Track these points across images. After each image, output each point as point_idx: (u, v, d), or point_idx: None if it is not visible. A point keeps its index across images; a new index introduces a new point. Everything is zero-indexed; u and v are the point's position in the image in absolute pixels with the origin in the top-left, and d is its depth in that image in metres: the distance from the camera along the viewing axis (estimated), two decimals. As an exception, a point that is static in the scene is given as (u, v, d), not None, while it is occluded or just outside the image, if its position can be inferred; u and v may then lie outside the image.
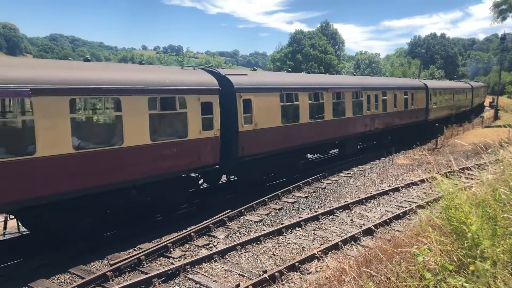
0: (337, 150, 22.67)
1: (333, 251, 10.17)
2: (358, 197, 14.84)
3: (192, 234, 11.24)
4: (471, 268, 4.13)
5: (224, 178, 17.37)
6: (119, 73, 11.64)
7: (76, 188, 9.84)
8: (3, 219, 11.43)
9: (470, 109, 46.72)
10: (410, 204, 13.69)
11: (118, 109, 10.83)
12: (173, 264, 9.56)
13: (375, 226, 11.71)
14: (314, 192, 16.32)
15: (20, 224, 11.16)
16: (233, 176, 17.09)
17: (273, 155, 16.01)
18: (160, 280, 8.75)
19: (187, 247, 10.81)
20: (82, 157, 9.95)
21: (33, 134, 9.05)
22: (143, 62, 14.83)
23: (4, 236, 11.42)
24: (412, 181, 16.91)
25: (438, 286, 4.21)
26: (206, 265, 9.58)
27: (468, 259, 4.48)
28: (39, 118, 9.10)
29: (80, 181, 9.91)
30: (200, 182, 15.10)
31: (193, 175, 13.76)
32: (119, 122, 10.69)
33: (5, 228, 11.12)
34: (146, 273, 9.03)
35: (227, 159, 13.96)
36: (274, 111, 15.79)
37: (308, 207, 14.39)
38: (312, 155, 22.65)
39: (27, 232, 11.38)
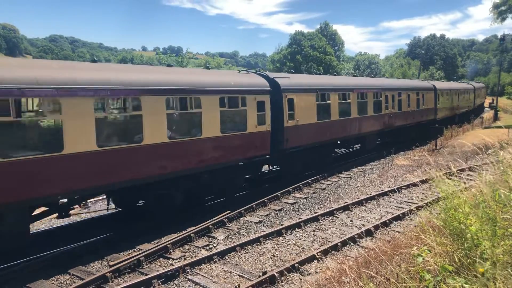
0: (359, 145, 24.38)
1: (332, 252, 10.16)
2: (357, 198, 14.84)
3: (191, 235, 11.24)
4: (481, 270, 4.11)
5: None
6: (198, 76, 14.29)
7: (170, 170, 12.22)
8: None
9: (473, 108, 48.49)
10: (409, 205, 13.69)
11: (198, 106, 12.99)
12: (172, 265, 9.56)
13: (375, 227, 11.72)
14: (313, 193, 16.32)
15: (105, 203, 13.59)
16: (275, 166, 18.88)
17: (310, 148, 18.30)
18: (159, 281, 8.74)
19: (187, 248, 10.80)
20: (173, 145, 12.31)
21: (141, 126, 11.28)
22: (209, 66, 18.99)
23: (107, 211, 13.74)
24: (412, 182, 16.91)
25: (437, 287, 4.21)
26: (206, 266, 9.57)
27: (468, 260, 4.48)
28: (146, 113, 11.33)
29: (173, 165, 12.32)
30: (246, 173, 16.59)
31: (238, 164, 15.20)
32: (199, 117, 12.97)
33: (108, 204, 12.94)
34: (146, 274, 9.02)
35: (274, 150, 16.16)
36: (311, 109, 18.06)
37: (308, 208, 14.39)
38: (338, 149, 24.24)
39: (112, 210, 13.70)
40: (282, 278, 8.76)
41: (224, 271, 9.36)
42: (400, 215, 12.77)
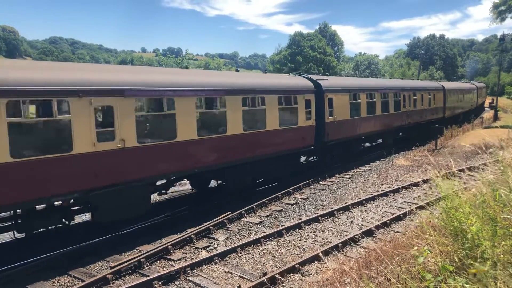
0: (381, 140, 27.12)
1: (333, 253, 10.16)
2: (358, 199, 14.84)
3: (192, 236, 11.23)
4: (474, 270, 4.12)
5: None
6: (262, 79, 16.98)
7: (245, 156, 15.04)
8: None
9: (475, 107, 51.51)
10: (410, 205, 13.69)
11: (263, 104, 15.61)
12: (173, 266, 9.55)
13: (376, 227, 11.71)
14: (314, 193, 16.32)
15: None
16: (314, 157, 21.51)
17: (344, 142, 20.75)
18: (160, 283, 8.74)
19: (187, 249, 10.80)
20: (247, 136, 14.96)
21: (225, 120, 13.93)
22: (265, 70, 21.04)
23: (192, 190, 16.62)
24: (412, 182, 16.91)
25: (438, 287, 4.21)
26: (207, 267, 9.57)
27: (469, 260, 4.48)
28: (228, 110, 14.02)
29: (246, 152, 15.07)
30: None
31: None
32: (264, 113, 15.70)
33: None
34: (147, 276, 9.02)
35: (317, 142, 18.60)
36: (345, 107, 20.49)
37: (308, 209, 14.39)
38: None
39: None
40: (282, 279, 8.76)
41: (225, 272, 9.36)
42: (401, 215, 12.77)
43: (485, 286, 3.93)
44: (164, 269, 9.49)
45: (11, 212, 10.32)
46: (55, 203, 10.42)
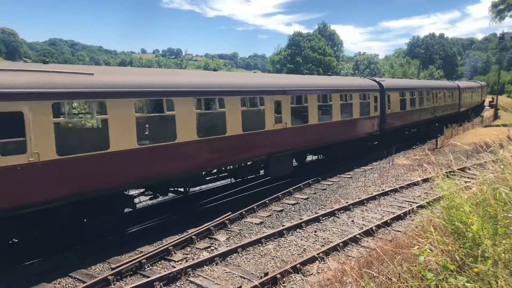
0: (415, 130, 31.69)
1: (334, 252, 10.16)
2: (358, 198, 14.84)
3: (193, 237, 11.23)
4: (475, 270, 4.12)
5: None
6: (351, 81, 23.28)
7: (341, 137, 20.26)
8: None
9: (480, 104, 58.40)
10: (410, 205, 13.69)
11: (351, 99, 20.78)
12: (174, 267, 9.56)
13: (376, 227, 11.71)
14: (314, 193, 16.32)
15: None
16: (375, 142, 25.95)
17: (395, 129, 25.93)
18: (161, 284, 8.74)
19: (188, 250, 10.80)
20: (342, 122, 19.98)
21: (332, 110, 19.35)
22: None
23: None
24: (413, 181, 16.91)
25: (439, 286, 4.21)
26: (208, 268, 9.57)
27: (470, 259, 4.48)
28: (334, 103, 19.32)
29: (342, 134, 20.34)
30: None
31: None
32: (351, 106, 20.76)
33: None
34: (148, 277, 9.03)
35: (380, 130, 23.84)
36: (397, 102, 25.74)
37: (309, 209, 14.38)
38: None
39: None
40: (283, 279, 8.76)
41: (226, 272, 9.36)
42: (401, 214, 12.77)
43: (486, 285, 3.93)
44: (165, 270, 9.49)
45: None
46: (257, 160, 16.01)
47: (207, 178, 15.10)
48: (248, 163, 15.87)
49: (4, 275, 9.20)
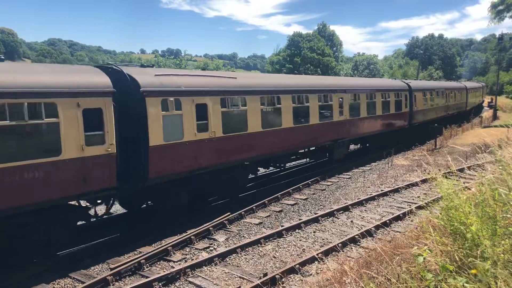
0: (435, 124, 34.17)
1: (333, 253, 10.17)
2: (358, 199, 14.85)
3: (192, 237, 11.23)
4: (474, 271, 4.13)
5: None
6: (389, 82, 29.18)
7: (378, 129, 24.15)
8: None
9: (481, 103, 63.08)
10: (410, 205, 13.70)
11: (389, 97, 24.99)
12: (173, 267, 9.55)
13: (375, 227, 11.72)
14: (313, 194, 16.32)
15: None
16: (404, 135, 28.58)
17: (420, 124, 29.37)
18: (160, 284, 8.74)
19: (187, 250, 10.80)
20: (382, 116, 24.18)
21: (376, 106, 23.35)
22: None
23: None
24: (412, 182, 16.93)
25: (438, 287, 4.21)
26: (207, 268, 9.57)
27: (469, 259, 4.48)
28: (377, 100, 23.52)
29: (380, 127, 24.20)
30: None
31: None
32: (389, 103, 24.89)
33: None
34: (147, 277, 9.03)
35: (410, 123, 27.76)
36: (422, 100, 29.99)
37: (308, 209, 14.39)
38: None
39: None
40: (283, 280, 8.77)
41: (225, 273, 9.36)
42: (401, 215, 12.78)
43: (486, 285, 3.94)
44: (164, 270, 9.49)
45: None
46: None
47: (292, 157, 19.31)
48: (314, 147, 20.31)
49: (3, 275, 9.19)
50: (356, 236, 11.01)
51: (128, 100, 11.08)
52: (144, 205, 13.48)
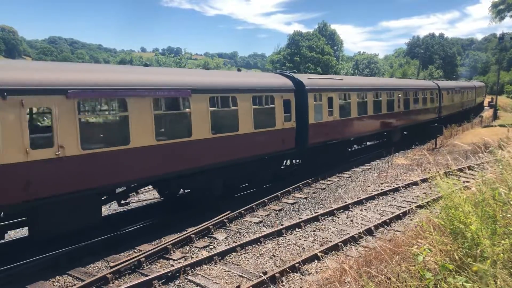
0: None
1: (333, 252, 10.16)
2: (358, 198, 14.85)
3: (192, 235, 11.23)
4: (474, 268, 4.13)
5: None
6: (422, 82, 36.43)
7: (407, 122, 27.87)
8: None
9: (482, 102, 69.54)
10: (410, 204, 13.70)
11: (424, 94, 30.39)
12: (173, 266, 9.56)
13: (375, 226, 11.72)
14: (313, 193, 16.32)
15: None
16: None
17: (446, 116, 35.57)
18: (160, 282, 8.74)
19: (187, 248, 10.80)
20: (412, 111, 28.29)
21: (409, 101, 27.81)
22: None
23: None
24: (412, 181, 16.92)
25: (438, 286, 4.21)
26: (206, 267, 9.57)
27: (468, 259, 4.48)
28: (410, 98, 27.90)
29: (408, 120, 27.93)
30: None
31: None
32: (420, 99, 29.68)
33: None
34: (146, 275, 9.02)
35: (437, 116, 33.31)
36: (449, 98, 36.82)
37: (308, 208, 14.38)
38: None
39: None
40: (282, 278, 8.76)
41: (225, 271, 9.36)
42: (400, 214, 12.77)
43: (485, 285, 3.94)
44: (164, 268, 9.49)
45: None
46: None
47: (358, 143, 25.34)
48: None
49: (2, 272, 9.20)
50: (356, 235, 11.00)
51: (298, 94, 17.22)
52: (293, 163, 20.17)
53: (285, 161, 19.26)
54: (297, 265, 9.20)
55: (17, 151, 8.64)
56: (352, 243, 10.72)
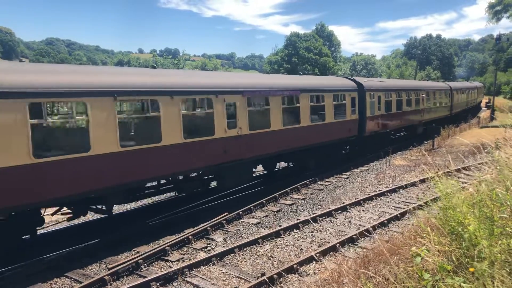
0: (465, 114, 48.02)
1: (331, 253, 10.17)
2: (355, 199, 14.85)
3: (190, 237, 11.22)
4: (471, 269, 4.14)
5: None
6: (465, 84, 54.83)
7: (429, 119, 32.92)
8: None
9: (479, 102, 74.89)
10: (407, 205, 13.71)
11: (441, 95, 36.84)
12: (171, 267, 9.54)
13: (373, 227, 11.72)
14: (311, 193, 16.32)
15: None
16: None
17: (457, 113, 41.46)
18: (158, 284, 8.73)
19: (185, 250, 10.79)
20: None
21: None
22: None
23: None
24: (410, 182, 16.94)
25: (436, 287, 4.22)
26: (204, 268, 9.56)
27: (466, 259, 4.49)
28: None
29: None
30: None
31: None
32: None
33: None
34: (144, 277, 9.01)
35: (449, 113, 38.64)
36: (459, 98, 42.33)
37: (306, 209, 14.38)
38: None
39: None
40: (280, 279, 8.76)
41: (223, 272, 9.35)
42: (398, 215, 12.78)
43: (483, 285, 3.94)
44: (162, 270, 9.48)
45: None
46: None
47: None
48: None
49: (1, 274, 9.17)
50: (354, 236, 11.01)
51: (359, 93, 21.67)
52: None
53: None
54: (295, 266, 9.20)
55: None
56: (350, 244, 10.73)
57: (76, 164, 9.67)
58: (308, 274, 9.07)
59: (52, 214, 11.84)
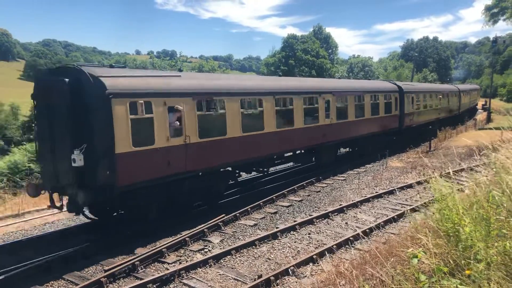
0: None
1: (328, 255, 10.17)
2: (352, 201, 14.86)
3: (186, 239, 11.20)
4: (467, 272, 4.14)
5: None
6: (469, 86, 61.39)
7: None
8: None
9: (476, 105, 78.34)
10: (404, 207, 13.73)
11: (451, 95, 40.43)
12: (168, 269, 9.52)
13: (370, 229, 11.73)
14: (308, 195, 16.33)
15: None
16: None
17: (463, 111, 46.95)
18: (155, 286, 8.70)
19: (182, 252, 10.77)
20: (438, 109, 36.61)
21: (460, 100, 44.36)
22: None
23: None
24: (406, 184, 16.97)
25: (432, 288, 4.22)
26: (201, 270, 9.54)
27: (463, 261, 4.49)
28: (463, 97, 46.54)
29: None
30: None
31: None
32: (448, 101, 40.26)
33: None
34: (141, 279, 8.98)
35: (458, 111, 42.97)
36: (465, 99, 46.50)
37: (303, 211, 14.38)
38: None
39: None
40: (277, 281, 8.75)
41: (220, 274, 9.34)
42: (395, 216, 12.80)
43: (479, 287, 3.95)
44: (159, 272, 9.46)
45: None
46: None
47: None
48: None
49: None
50: (351, 238, 11.02)
51: (399, 94, 26.29)
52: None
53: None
54: (292, 268, 9.20)
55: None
56: (347, 246, 10.74)
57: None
58: (305, 276, 9.07)
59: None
